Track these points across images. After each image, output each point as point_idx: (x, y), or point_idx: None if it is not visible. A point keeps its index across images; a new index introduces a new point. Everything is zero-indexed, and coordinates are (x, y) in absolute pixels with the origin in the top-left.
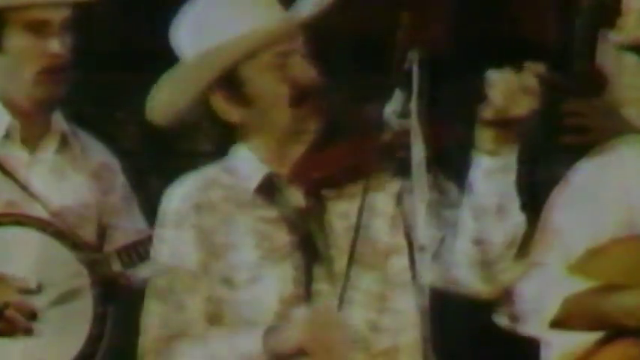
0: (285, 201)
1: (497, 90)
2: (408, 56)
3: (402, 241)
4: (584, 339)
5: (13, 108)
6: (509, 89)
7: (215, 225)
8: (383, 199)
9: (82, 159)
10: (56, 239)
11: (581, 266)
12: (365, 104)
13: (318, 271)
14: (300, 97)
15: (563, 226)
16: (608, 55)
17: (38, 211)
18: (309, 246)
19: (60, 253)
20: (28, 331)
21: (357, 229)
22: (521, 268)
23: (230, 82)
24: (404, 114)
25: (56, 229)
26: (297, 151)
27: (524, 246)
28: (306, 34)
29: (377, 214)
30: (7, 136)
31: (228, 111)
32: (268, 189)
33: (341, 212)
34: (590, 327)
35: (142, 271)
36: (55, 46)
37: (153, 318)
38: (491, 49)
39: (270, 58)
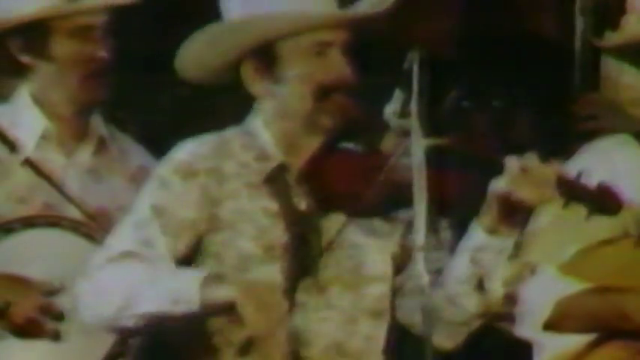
0: (288, 198)
1: (516, 168)
2: (408, 56)
3: (387, 269)
4: (575, 341)
5: (52, 113)
6: (528, 173)
7: (221, 197)
8: (378, 220)
9: (120, 162)
10: (88, 240)
11: (572, 266)
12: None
13: (305, 280)
14: (327, 91)
15: (555, 225)
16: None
17: (74, 213)
18: (301, 251)
19: (91, 254)
20: (55, 335)
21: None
22: (516, 268)
23: (265, 54)
24: (404, 114)
25: (88, 229)
26: (311, 145)
27: (517, 245)
28: (352, 33)
29: (370, 235)
30: (44, 139)
31: (255, 82)
32: (276, 180)
33: (337, 222)
34: (584, 329)
35: None
36: (101, 49)
37: (120, 237)
38: (495, 48)
39: (311, 44)
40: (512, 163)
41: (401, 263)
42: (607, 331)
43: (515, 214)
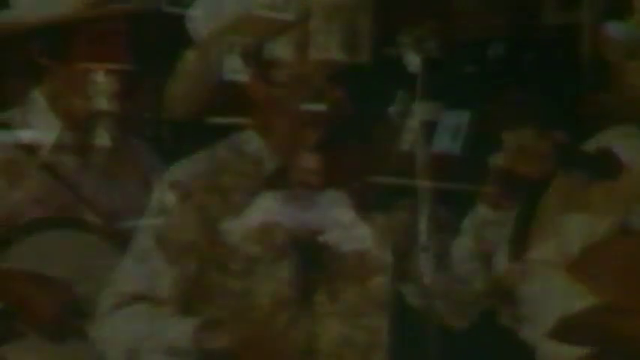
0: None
1: (513, 143)
2: (409, 56)
3: (387, 258)
4: (575, 354)
5: (67, 115)
6: (524, 146)
7: (221, 210)
8: (376, 210)
9: (132, 164)
10: (104, 240)
11: (578, 268)
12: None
13: (316, 277)
14: (334, 74)
15: (561, 219)
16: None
17: (89, 215)
18: (307, 248)
19: (110, 254)
20: (80, 332)
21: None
22: (521, 265)
23: (259, 59)
24: (405, 114)
25: (107, 231)
26: (308, 142)
27: (523, 240)
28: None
29: (370, 227)
30: (59, 141)
31: (254, 88)
32: (276, 182)
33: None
34: (586, 343)
35: None
36: (121, 54)
37: (125, 275)
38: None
39: (299, 36)
40: (509, 139)
41: (404, 250)
42: (607, 347)
43: (517, 188)
